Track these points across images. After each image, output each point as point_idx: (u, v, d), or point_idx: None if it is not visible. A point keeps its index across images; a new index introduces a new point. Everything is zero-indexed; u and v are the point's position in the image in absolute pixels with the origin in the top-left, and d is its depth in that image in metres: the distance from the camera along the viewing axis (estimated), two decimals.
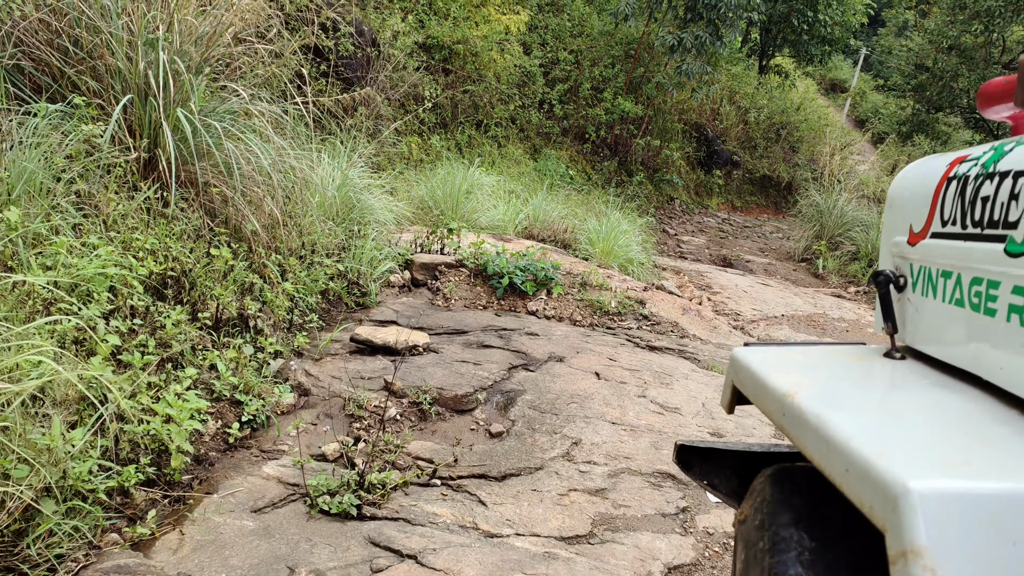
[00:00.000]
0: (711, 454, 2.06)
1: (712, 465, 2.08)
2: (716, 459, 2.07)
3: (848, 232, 15.45)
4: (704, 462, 2.07)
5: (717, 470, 2.07)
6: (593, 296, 7.61)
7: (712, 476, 2.08)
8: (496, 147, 15.49)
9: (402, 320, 6.48)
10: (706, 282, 11.79)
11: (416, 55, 14.23)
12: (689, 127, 19.40)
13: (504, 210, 10.37)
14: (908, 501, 0.98)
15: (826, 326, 8.48)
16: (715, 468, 2.07)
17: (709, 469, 2.08)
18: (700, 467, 2.08)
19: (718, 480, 2.07)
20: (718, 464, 2.07)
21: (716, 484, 2.08)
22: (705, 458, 2.07)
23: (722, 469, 2.07)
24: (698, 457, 2.08)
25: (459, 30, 14.83)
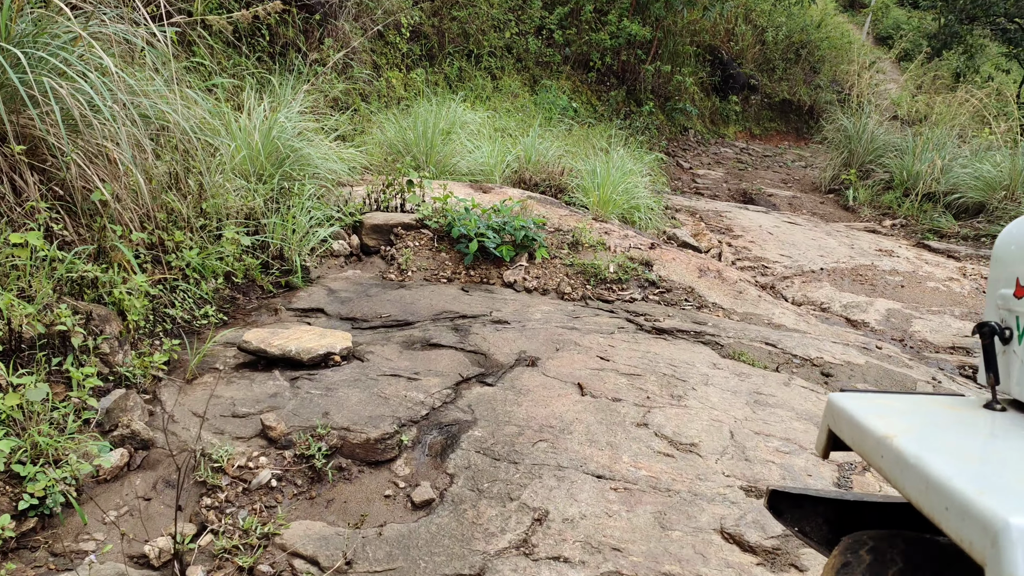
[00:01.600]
0: (803, 500, 1.86)
1: (804, 512, 1.86)
2: (808, 506, 1.86)
3: (880, 159, 13.40)
4: (796, 508, 1.86)
5: (809, 518, 1.86)
6: (587, 259, 5.81)
7: (804, 523, 1.86)
8: (490, 80, 13.51)
9: (332, 307, 4.75)
10: (725, 223, 9.92)
11: None
12: (702, 50, 17.18)
13: (489, 152, 8.51)
14: (1008, 536, 1.00)
15: (876, 281, 6.65)
16: (807, 515, 1.86)
17: (801, 516, 1.86)
18: (791, 513, 1.87)
19: (809, 528, 1.85)
20: (810, 511, 1.86)
21: (807, 532, 1.86)
22: (797, 504, 1.86)
23: (814, 516, 1.86)
24: (789, 503, 1.86)
25: None
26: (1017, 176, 10.94)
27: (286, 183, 5.78)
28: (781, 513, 1.92)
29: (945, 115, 13.50)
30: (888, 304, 6.09)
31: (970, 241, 10.62)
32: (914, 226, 11.50)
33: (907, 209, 11.92)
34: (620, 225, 6.71)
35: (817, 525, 1.89)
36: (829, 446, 1.71)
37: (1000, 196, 11.01)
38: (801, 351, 4.75)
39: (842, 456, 3.33)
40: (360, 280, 5.41)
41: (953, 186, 11.74)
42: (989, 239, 10.45)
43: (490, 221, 5.72)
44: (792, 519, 1.90)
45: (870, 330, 5.70)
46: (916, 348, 5.42)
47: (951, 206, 11.63)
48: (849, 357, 4.75)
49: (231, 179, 5.40)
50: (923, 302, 6.22)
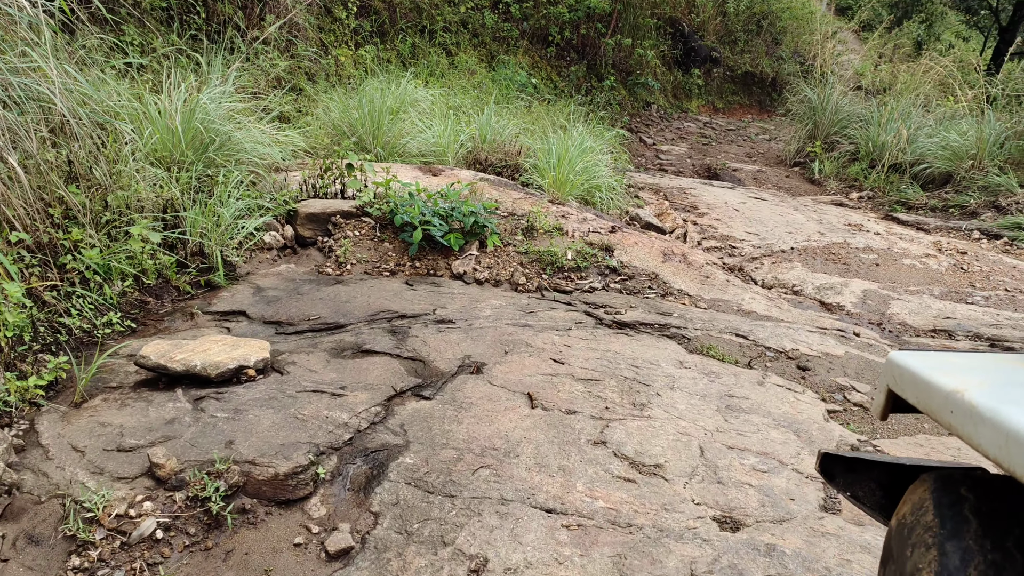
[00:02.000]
0: (857, 465, 1.80)
1: (857, 476, 1.81)
2: (862, 470, 1.80)
3: (845, 130, 13.03)
4: (849, 472, 1.81)
5: (862, 482, 1.81)
6: (542, 246, 5.32)
7: (856, 488, 1.80)
8: (445, 56, 12.90)
9: (256, 309, 4.21)
10: (690, 201, 9.48)
11: None
12: (663, 22, 16.66)
13: (441, 132, 7.95)
14: None
15: (849, 260, 6.22)
16: (860, 480, 1.81)
17: (854, 480, 1.81)
18: (844, 477, 1.81)
19: (862, 493, 1.80)
20: (864, 476, 1.81)
21: (860, 496, 1.79)
22: (850, 468, 1.80)
23: (868, 481, 1.80)
24: (842, 467, 1.81)
25: None
26: (984, 145, 10.61)
27: (211, 171, 5.20)
28: (833, 477, 1.84)
29: (909, 84, 13.15)
30: (864, 285, 5.67)
31: (938, 212, 10.29)
32: (881, 198, 11.15)
33: (874, 181, 11.57)
34: (579, 208, 6.20)
35: (871, 490, 1.82)
36: (888, 407, 1.61)
37: (967, 166, 10.69)
38: (775, 342, 4.30)
39: None
40: (293, 275, 4.86)
41: (920, 156, 11.39)
42: (957, 210, 10.12)
43: (436, 207, 5.19)
44: (844, 483, 1.83)
45: (846, 314, 5.28)
46: (896, 332, 5.01)
47: (918, 176, 11.29)
48: (827, 348, 4.31)
49: (146, 168, 4.81)
50: (900, 281, 5.81)
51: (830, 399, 3.78)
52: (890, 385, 1.58)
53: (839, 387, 3.91)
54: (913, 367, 1.49)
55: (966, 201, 10.09)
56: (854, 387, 3.93)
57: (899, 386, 1.55)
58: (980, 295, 5.55)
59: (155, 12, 8.40)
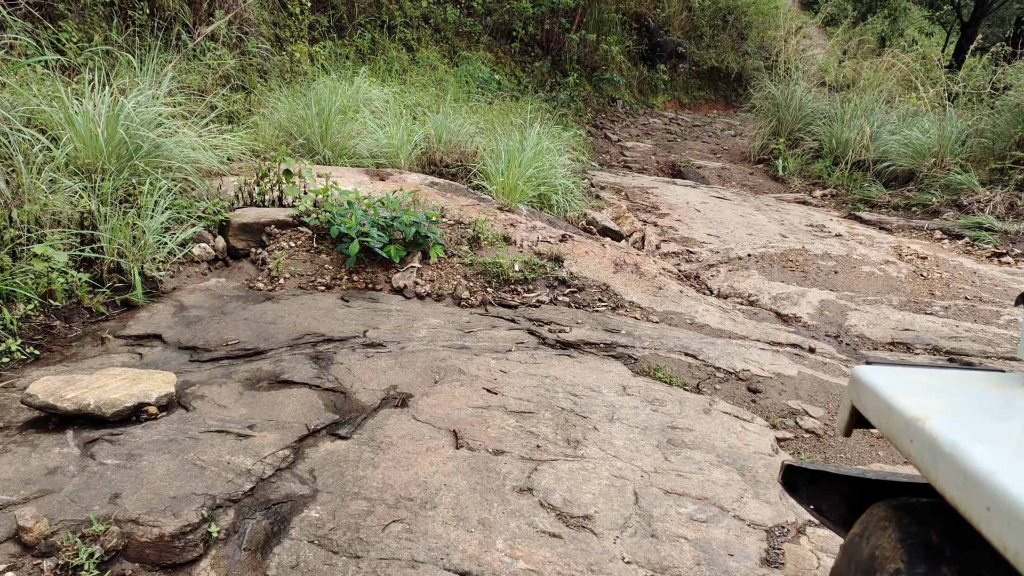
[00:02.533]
0: (821, 477, 1.73)
1: (821, 489, 1.75)
2: (826, 483, 1.74)
3: (809, 127, 12.88)
4: (812, 485, 1.75)
5: (826, 495, 1.74)
6: (488, 258, 5.03)
7: (820, 501, 1.75)
8: (406, 52, 12.56)
9: (174, 332, 3.89)
10: (652, 201, 9.25)
11: None
12: (628, 17, 16.41)
13: (394, 132, 7.63)
14: None
15: (807, 267, 6.00)
16: (824, 492, 1.75)
17: (817, 493, 1.75)
18: (807, 490, 1.75)
19: (826, 506, 1.74)
20: (828, 489, 1.74)
21: (823, 510, 1.75)
22: (813, 481, 1.74)
23: (832, 495, 1.74)
24: (805, 479, 1.74)
25: None
26: (945, 143, 10.48)
27: (137, 179, 4.86)
28: (796, 490, 1.78)
29: (872, 80, 13.02)
30: (821, 295, 5.45)
31: (901, 211, 10.15)
32: (844, 196, 11.00)
33: (837, 178, 11.42)
34: (528, 215, 5.93)
35: (835, 503, 1.75)
36: (852, 424, 1.54)
37: (930, 163, 10.56)
38: (725, 362, 4.06)
39: (772, 519, 2.65)
40: (222, 291, 4.54)
41: (883, 154, 11.26)
42: (920, 208, 9.99)
43: (376, 217, 4.89)
44: (808, 496, 1.77)
45: (803, 326, 5.06)
46: (853, 345, 4.80)
47: (881, 174, 11.16)
48: (779, 367, 4.08)
49: (61, 179, 4.46)
50: (858, 290, 5.60)
51: (781, 425, 3.55)
52: (853, 402, 1.49)
53: (791, 411, 3.69)
54: (876, 386, 1.40)
55: (928, 200, 9.96)
56: (806, 411, 3.70)
57: (862, 404, 1.46)
58: (940, 304, 5.36)
59: (97, 7, 7.99)
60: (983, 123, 10.69)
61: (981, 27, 17.20)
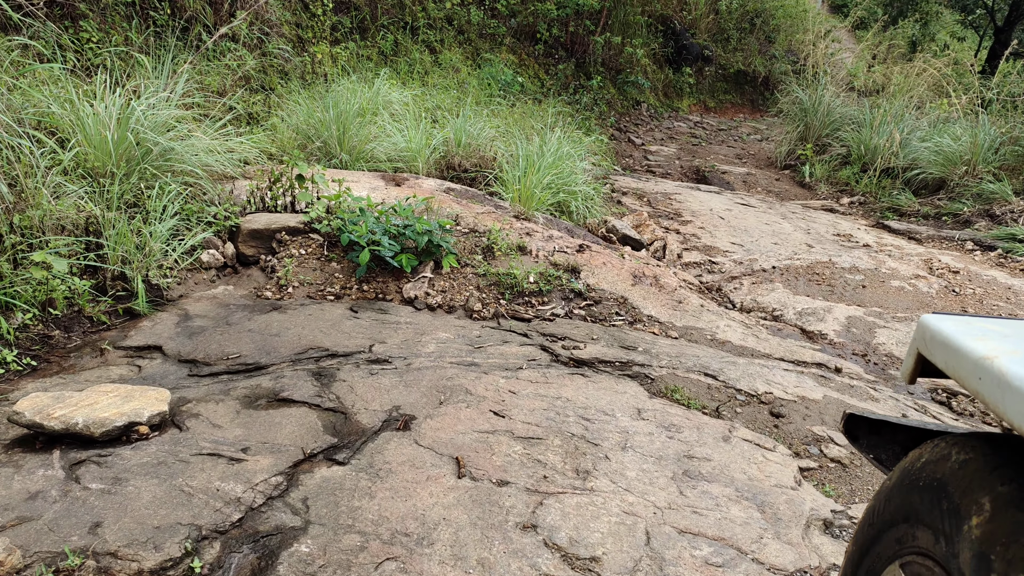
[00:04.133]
0: (882, 427, 1.77)
1: (881, 439, 1.78)
2: (887, 433, 1.77)
3: (836, 132, 12.56)
4: (872, 435, 1.79)
5: (886, 445, 1.78)
6: (502, 268, 4.85)
7: (879, 451, 1.78)
8: (429, 54, 12.41)
9: (175, 344, 3.75)
10: (674, 208, 9.02)
11: None
12: (654, 20, 16.14)
13: (412, 136, 7.48)
14: None
15: (834, 281, 5.74)
16: (884, 442, 1.78)
17: (877, 443, 1.79)
18: (868, 440, 1.79)
19: (885, 456, 1.77)
20: (888, 439, 1.77)
21: (883, 459, 1.77)
22: (874, 431, 1.78)
23: (892, 444, 1.77)
24: (866, 429, 1.79)
25: None
26: (978, 151, 10.14)
27: (144, 184, 4.73)
28: (857, 439, 1.81)
29: (903, 86, 12.66)
30: (848, 311, 5.20)
31: (931, 220, 9.83)
32: (872, 204, 10.69)
33: (865, 185, 11.11)
34: (545, 223, 5.73)
35: (895, 454, 1.77)
36: (917, 371, 1.56)
37: (961, 172, 10.23)
38: (746, 383, 3.85)
39: (793, 563, 2.44)
40: (229, 300, 4.40)
41: (912, 161, 10.92)
42: (951, 217, 9.67)
43: (388, 225, 4.73)
44: (868, 445, 1.80)
45: (828, 343, 4.83)
46: (881, 365, 4.56)
47: (911, 182, 10.83)
48: (804, 390, 3.86)
49: (70, 183, 4.35)
50: (887, 306, 5.34)
51: (804, 453, 3.34)
52: (920, 348, 1.51)
53: (815, 438, 3.47)
54: (945, 330, 1.42)
55: (959, 209, 9.63)
56: (831, 438, 3.48)
57: (928, 350, 1.47)
58: None
59: (119, 7, 7.92)
60: (1017, 131, 10.33)
61: (1016, 31, 16.74)
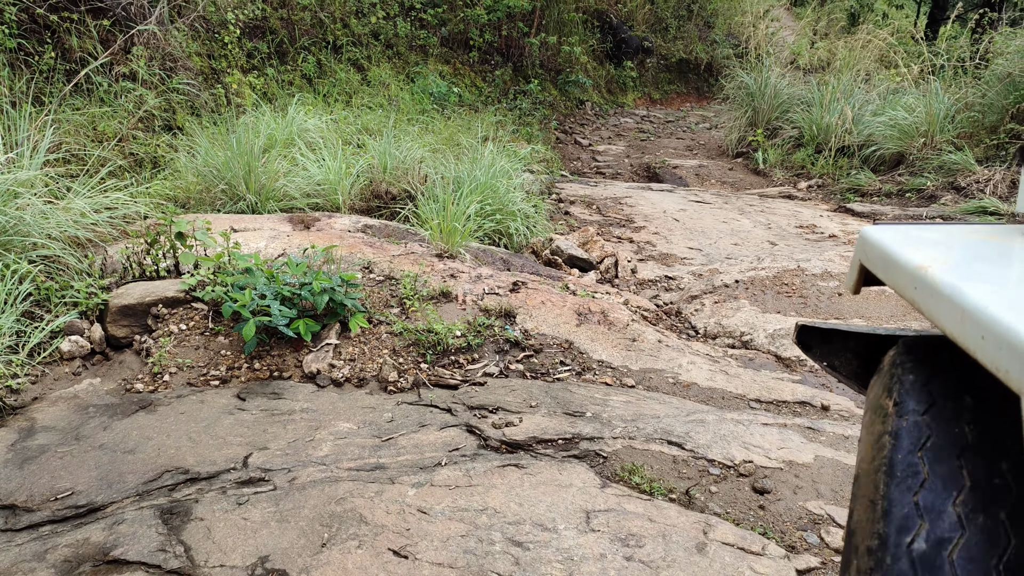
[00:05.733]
0: (833, 336, 1.77)
1: (833, 347, 1.78)
2: (838, 341, 1.77)
3: (786, 114, 11.89)
4: (825, 343, 1.79)
5: (839, 352, 1.78)
6: (422, 323, 4.01)
7: (833, 358, 1.80)
8: (356, 72, 11.54)
9: (1, 474, 2.87)
10: (625, 213, 8.25)
11: None
12: (589, 16, 15.39)
13: (329, 166, 6.62)
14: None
15: (806, 290, 4.99)
16: (836, 350, 1.78)
17: (830, 351, 1.79)
18: (820, 349, 1.80)
19: (839, 363, 1.79)
20: (839, 347, 1.78)
21: (837, 366, 1.79)
22: (826, 340, 1.78)
23: (843, 352, 1.77)
24: (819, 338, 1.79)
25: None
26: (934, 121, 9.49)
27: None
28: (810, 348, 1.80)
29: (848, 60, 12.02)
30: None
31: (894, 198, 9.17)
32: (832, 186, 10.02)
33: (822, 167, 10.43)
34: (474, 259, 4.90)
35: (847, 360, 1.76)
36: (860, 282, 1.55)
37: (919, 144, 9.57)
38: (720, 451, 3.06)
39: None
40: (91, 399, 3.52)
41: (868, 137, 10.26)
42: (915, 193, 9.01)
43: (278, 286, 3.87)
44: (821, 354, 1.79)
45: (809, 371, 4.06)
46: None
47: (868, 159, 10.17)
48: (790, 451, 3.08)
49: None
50: (869, 315, 4.60)
51: (801, 545, 2.56)
52: (862, 260, 1.51)
53: (811, 519, 2.69)
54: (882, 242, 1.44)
55: (922, 184, 8.98)
56: (831, 517, 2.70)
57: (869, 261, 1.49)
58: None
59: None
60: (970, 96, 9.70)
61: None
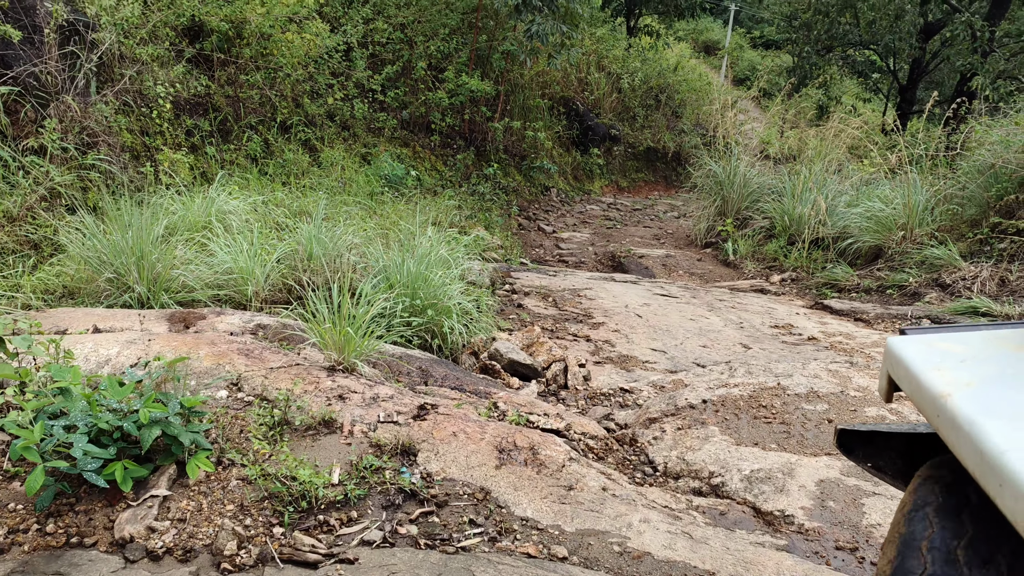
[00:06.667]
0: (875, 437, 1.74)
1: (876, 448, 1.75)
2: (880, 442, 1.74)
3: (756, 204, 11.22)
4: (867, 445, 1.76)
5: (881, 452, 1.75)
6: (284, 466, 2.96)
7: (877, 459, 1.75)
8: (307, 153, 10.73)
9: None
10: (584, 307, 7.32)
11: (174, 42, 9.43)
12: (555, 102, 14.88)
13: (237, 255, 5.67)
14: None
15: (789, 415, 4.00)
16: (879, 451, 1.75)
17: (873, 452, 1.76)
18: (863, 450, 1.76)
19: (883, 463, 1.75)
20: (882, 447, 1.74)
21: (881, 467, 1.75)
22: (868, 441, 1.75)
23: (887, 451, 1.74)
24: (861, 441, 1.76)
25: (230, 7, 10.03)
26: (913, 214, 8.78)
27: None
28: (852, 451, 1.75)
29: (820, 149, 11.44)
30: (817, 467, 3.45)
31: (875, 294, 8.35)
32: (806, 280, 9.20)
33: (795, 259, 9.65)
34: (378, 373, 3.87)
35: (891, 459, 1.71)
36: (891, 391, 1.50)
37: (898, 238, 8.83)
38: None
39: None
40: None
41: (843, 229, 9.54)
42: (896, 290, 8.20)
43: (96, 416, 2.83)
44: (864, 455, 1.74)
45: (797, 530, 3.05)
46: None
47: (844, 253, 9.41)
48: None
49: None
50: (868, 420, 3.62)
51: None
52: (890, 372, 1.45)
53: None
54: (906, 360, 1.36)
55: (904, 280, 8.17)
56: None
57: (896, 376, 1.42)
58: None
59: None
60: (949, 188, 9.04)
61: (919, 89, 16.01)
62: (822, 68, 16.80)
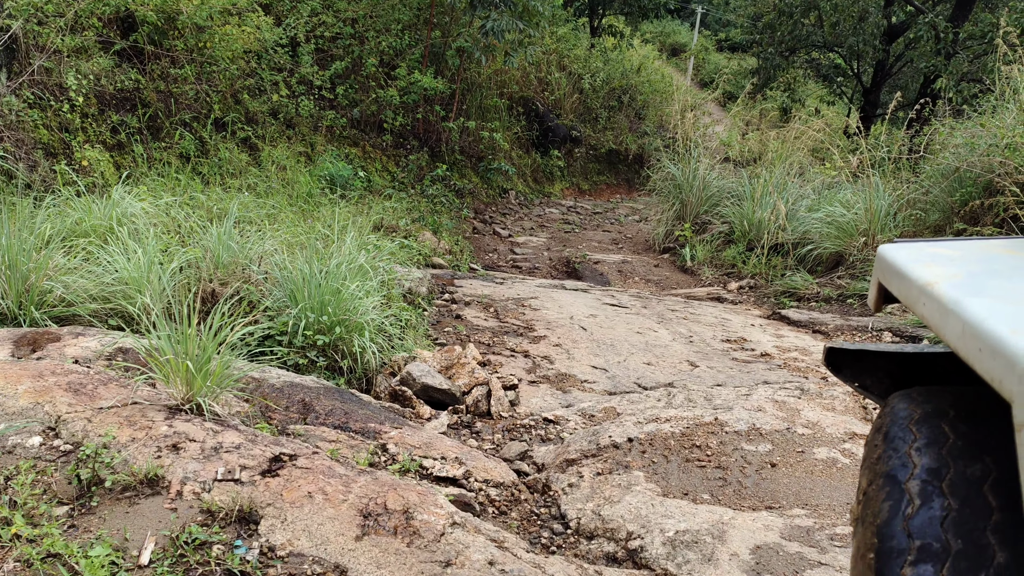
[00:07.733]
0: (863, 355, 1.74)
1: (864, 366, 1.76)
2: (868, 361, 1.74)
3: (716, 208, 10.67)
4: (855, 363, 1.76)
5: (869, 372, 1.76)
6: (77, 544, 2.30)
7: (864, 378, 1.76)
8: (247, 152, 10.00)
9: None
10: (527, 318, 6.70)
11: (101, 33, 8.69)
12: (514, 102, 14.24)
13: (124, 263, 4.97)
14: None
15: (726, 459, 3.33)
16: (867, 370, 1.76)
17: (860, 370, 1.77)
18: (851, 368, 1.77)
19: (870, 382, 1.76)
20: (870, 366, 1.75)
21: (868, 385, 1.76)
22: (857, 359, 1.75)
23: (874, 371, 1.75)
24: (849, 359, 1.76)
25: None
26: (875, 220, 8.26)
27: None
28: (840, 369, 1.76)
29: (781, 152, 10.91)
30: (754, 528, 2.83)
31: (834, 303, 7.81)
32: (765, 288, 8.65)
33: (754, 266, 9.09)
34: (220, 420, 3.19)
35: (878, 379, 1.72)
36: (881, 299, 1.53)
37: (859, 244, 8.31)
38: None
39: None
40: None
41: (803, 235, 9.01)
42: (857, 300, 7.67)
43: None
44: (851, 374, 1.76)
45: None
46: None
47: (804, 259, 8.87)
48: None
49: None
50: (817, 505, 3.01)
51: None
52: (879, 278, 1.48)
53: None
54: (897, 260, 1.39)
55: (865, 288, 7.62)
56: None
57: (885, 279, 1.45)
58: None
59: None
60: (912, 192, 8.55)
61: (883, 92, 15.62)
62: (786, 70, 16.35)
